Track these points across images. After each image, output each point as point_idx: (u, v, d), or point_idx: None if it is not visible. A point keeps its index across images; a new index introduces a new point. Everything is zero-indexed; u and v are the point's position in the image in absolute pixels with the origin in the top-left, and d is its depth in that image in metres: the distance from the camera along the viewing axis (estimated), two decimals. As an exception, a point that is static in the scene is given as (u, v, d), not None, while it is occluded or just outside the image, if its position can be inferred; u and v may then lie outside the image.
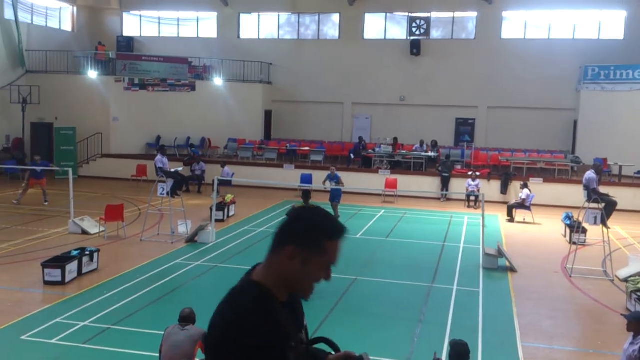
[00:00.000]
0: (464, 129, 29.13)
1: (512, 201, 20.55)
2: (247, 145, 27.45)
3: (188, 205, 17.44)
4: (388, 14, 30.00)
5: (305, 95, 30.34)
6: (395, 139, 26.60)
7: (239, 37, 31.48)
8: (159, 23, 32.71)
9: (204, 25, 32.05)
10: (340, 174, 19.48)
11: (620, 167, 23.27)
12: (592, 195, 15.17)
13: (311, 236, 2.24)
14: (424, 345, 9.10)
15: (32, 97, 25.75)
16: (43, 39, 28.54)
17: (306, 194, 12.06)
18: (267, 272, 2.29)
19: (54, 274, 11.35)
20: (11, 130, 26.60)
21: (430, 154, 25.38)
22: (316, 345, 2.55)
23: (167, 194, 15.88)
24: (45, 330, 9.11)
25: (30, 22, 28.32)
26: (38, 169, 19.59)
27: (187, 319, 6.95)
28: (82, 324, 9.40)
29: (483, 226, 14.96)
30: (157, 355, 6.99)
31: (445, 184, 23.03)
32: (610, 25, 27.66)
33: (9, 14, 26.55)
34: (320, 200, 19.52)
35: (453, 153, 26.75)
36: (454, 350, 6.51)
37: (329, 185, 18.79)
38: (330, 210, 17.38)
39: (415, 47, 28.79)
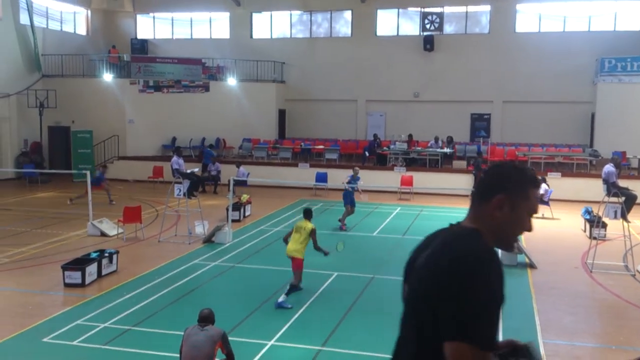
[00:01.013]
0: (480, 124, 28.95)
1: (530, 196, 20.33)
2: (262, 144, 27.50)
3: (204, 206, 17.51)
4: (400, 10, 29.89)
5: (319, 93, 30.32)
6: (410, 136, 26.51)
7: (251, 36, 31.54)
8: (172, 24, 32.86)
9: (216, 25, 32.15)
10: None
11: (640, 159, 23.01)
12: (612, 189, 14.99)
13: (518, 182, 2.36)
14: (444, 342, 9.04)
15: (49, 101, 26.01)
16: (58, 43, 28.80)
17: (306, 212, 11.38)
18: (476, 222, 2.39)
19: (74, 276, 11.44)
20: (29, 134, 26.88)
21: (446, 150, 25.25)
22: None
23: (184, 194, 15.96)
24: (67, 332, 9.18)
25: (45, 26, 28.60)
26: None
27: (206, 319, 6.96)
28: (102, 325, 9.46)
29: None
30: (178, 355, 7.00)
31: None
32: (627, 16, 27.34)
33: (24, 19, 26.82)
34: (333, 198, 19.50)
35: (469, 149, 26.62)
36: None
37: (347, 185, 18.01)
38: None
39: (428, 43, 28.66)
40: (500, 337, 8.36)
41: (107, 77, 28.09)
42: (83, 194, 20.19)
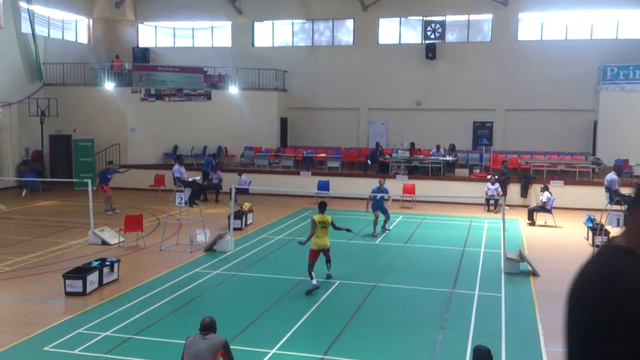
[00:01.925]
0: (482, 132, 28.93)
1: (533, 204, 20.31)
2: (264, 153, 27.48)
3: (206, 214, 17.47)
4: (402, 19, 29.93)
5: (321, 101, 30.34)
6: (412, 144, 26.46)
7: (253, 45, 31.60)
8: (174, 33, 32.94)
9: (218, 34, 32.21)
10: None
11: (642, 167, 22.93)
12: (614, 196, 14.94)
13: None
14: (446, 352, 8.99)
15: (50, 109, 26.03)
16: (60, 51, 28.85)
17: (322, 205, 12.23)
18: (627, 239, 2.18)
19: (75, 285, 11.40)
20: (30, 143, 26.88)
21: (448, 158, 25.20)
22: None
23: (185, 203, 15.92)
24: (68, 341, 9.13)
25: (47, 35, 28.64)
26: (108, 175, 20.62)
27: (207, 327, 6.92)
28: (103, 334, 9.41)
29: (504, 230, 14.79)
30: (179, 365, 6.96)
31: (504, 191, 22.01)
32: (629, 24, 27.34)
33: (26, 27, 26.88)
34: (335, 207, 19.36)
35: (471, 157, 26.57)
36: (476, 357, 6.42)
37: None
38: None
39: (430, 51, 28.67)
40: (503, 345, 8.23)
41: (109, 85, 28.13)
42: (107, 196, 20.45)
